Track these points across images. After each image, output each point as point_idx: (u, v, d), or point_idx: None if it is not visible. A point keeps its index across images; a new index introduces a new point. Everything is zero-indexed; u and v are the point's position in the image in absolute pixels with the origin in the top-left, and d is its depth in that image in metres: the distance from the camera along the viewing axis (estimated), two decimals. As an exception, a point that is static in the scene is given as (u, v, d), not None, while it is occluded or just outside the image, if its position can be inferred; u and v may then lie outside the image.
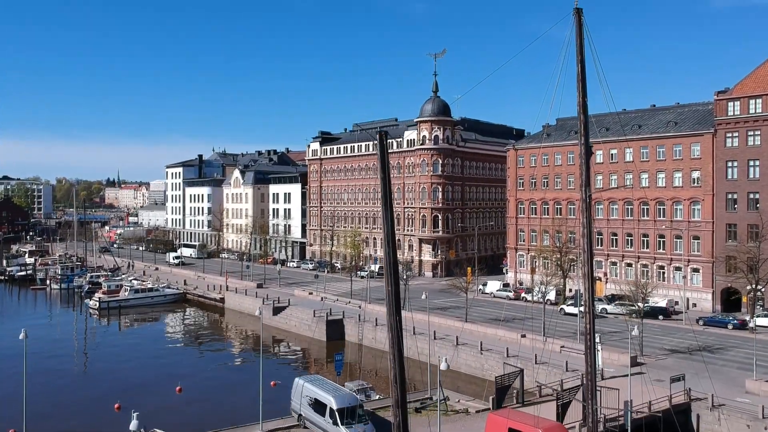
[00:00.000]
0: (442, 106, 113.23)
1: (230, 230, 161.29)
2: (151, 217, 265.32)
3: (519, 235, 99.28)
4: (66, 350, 73.55)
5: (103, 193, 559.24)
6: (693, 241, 79.45)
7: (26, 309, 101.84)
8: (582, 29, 23.00)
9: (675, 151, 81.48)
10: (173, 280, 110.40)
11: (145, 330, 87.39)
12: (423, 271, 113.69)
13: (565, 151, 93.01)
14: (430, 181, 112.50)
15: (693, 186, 79.62)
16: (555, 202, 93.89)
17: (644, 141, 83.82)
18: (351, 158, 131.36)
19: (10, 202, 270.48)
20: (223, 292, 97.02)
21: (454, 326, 67.25)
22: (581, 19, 22.98)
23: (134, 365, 65.48)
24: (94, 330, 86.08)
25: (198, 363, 68.31)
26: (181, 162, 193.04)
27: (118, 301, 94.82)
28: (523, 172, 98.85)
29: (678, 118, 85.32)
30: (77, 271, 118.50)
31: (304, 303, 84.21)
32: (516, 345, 59.60)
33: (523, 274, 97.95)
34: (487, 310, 78.52)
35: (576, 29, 22.88)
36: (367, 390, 48.95)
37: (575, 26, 22.91)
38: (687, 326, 67.41)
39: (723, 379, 47.91)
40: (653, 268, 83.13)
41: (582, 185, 22.36)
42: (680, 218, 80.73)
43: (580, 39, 22.77)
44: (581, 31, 22.93)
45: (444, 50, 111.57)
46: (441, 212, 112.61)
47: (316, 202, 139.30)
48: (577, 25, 22.82)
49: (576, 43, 22.83)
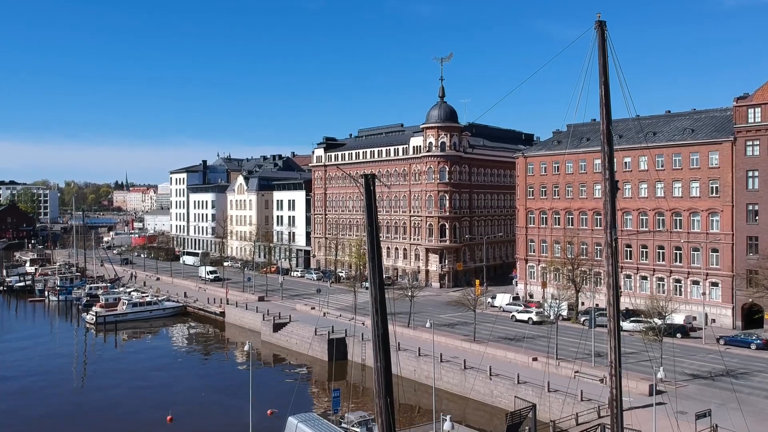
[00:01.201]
0: (448, 112, 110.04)
1: (234, 237, 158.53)
2: (156, 221, 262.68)
3: (529, 245, 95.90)
4: (56, 370, 70.55)
5: (112, 196, 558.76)
6: (711, 253, 75.93)
7: (22, 323, 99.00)
8: (605, 44, 19.78)
9: (692, 159, 77.95)
10: (174, 292, 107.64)
11: (141, 347, 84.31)
12: (430, 281, 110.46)
13: (577, 159, 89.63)
14: (437, 189, 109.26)
15: (711, 196, 76.07)
16: (566, 212, 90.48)
17: (660, 149, 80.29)
18: (356, 165, 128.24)
19: (15, 207, 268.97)
20: (223, 305, 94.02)
21: (461, 347, 64.01)
22: (604, 33, 19.75)
23: (125, 390, 62.34)
24: (89, 347, 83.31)
25: (193, 385, 65.29)
26: (185, 168, 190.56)
27: (116, 315, 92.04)
28: (533, 181, 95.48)
29: (695, 125, 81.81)
30: (76, 282, 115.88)
31: (306, 318, 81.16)
32: (527, 369, 56.54)
33: (533, 286, 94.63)
34: (496, 327, 74.90)
35: (598, 44, 19.69)
36: (369, 422, 45.80)
37: (597, 40, 19.70)
38: (707, 346, 64.07)
39: (752, 411, 44.46)
40: (669, 282, 79.60)
41: (607, 226, 19.14)
42: (698, 230, 77.18)
43: (603, 55, 19.56)
44: (604, 45, 19.68)
45: (450, 54, 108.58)
46: (448, 221, 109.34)
47: (320, 210, 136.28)
48: (599, 40, 19.65)
49: (599, 59, 19.65)
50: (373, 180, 14.97)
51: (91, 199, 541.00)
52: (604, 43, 19.86)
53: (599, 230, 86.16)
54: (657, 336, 54.98)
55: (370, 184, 15.15)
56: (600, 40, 19.82)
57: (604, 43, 19.90)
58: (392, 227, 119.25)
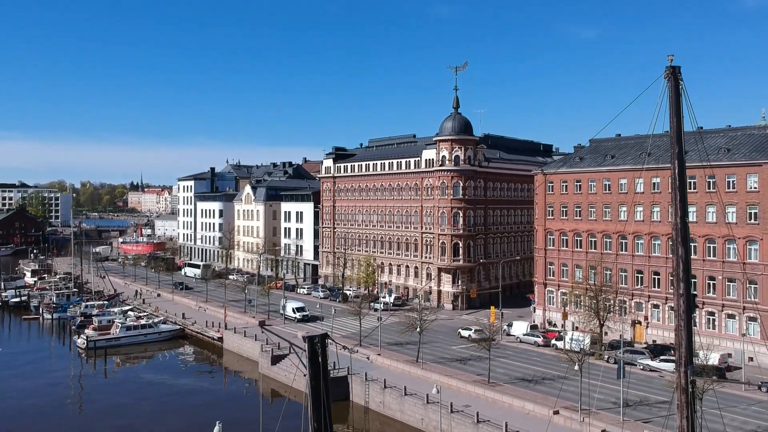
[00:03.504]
0: (463, 124, 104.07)
1: (241, 248, 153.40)
2: (167, 226, 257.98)
3: (548, 268, 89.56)
4: (36, 406, 65.38)
5: (127, 197, 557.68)
6: (749, 285, 69.43)
7: (11, 345, 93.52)
8: (679, 91, 13.94)
9: (728, 182, 71.50)
10: (173, 311, 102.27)
11: (132, 377, 78.37)
12: (442, 302, 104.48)
13: (601, 177, 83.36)
14: (450, 206, 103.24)
15: (749, 223, 69.59)
16: (589, 234, 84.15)
17: (692, 170, 73.67)
18: (366, 177, 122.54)
19: (24, 211, 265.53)
20: (222, 330, 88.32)
21: (474, 393, 57.92)
22: (678, 79, 13.92)
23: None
24: (74, 378, 77.19)
25: (182, 426, 59.90)
26: (192, 175, 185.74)
27: (108, 339, 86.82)
28: (553, 200, 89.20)
29: (730, 144, 75.30)
30: (72, 300, 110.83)
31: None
32: (547, 423, 50.36)
33: (553, 312, 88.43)
34: (513, 364, 69.07)
35: (671, 92, 13.87)
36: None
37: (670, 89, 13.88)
38: (749, 394, 57.62)
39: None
40: (702, 314, 73.18)
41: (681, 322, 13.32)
42: (733, 258, 70.70)
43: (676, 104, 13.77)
44: (678, 93, 13.85)
45: (466, 63, 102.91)
46: (462, 239, 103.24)
47: (329, 223, 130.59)
48: (672, 88, 13.79)
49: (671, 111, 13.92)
50: (323, 342, 9.64)
51: (106, 199, 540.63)
52: (678, 89, 14.10)
53: (624, 255, 79.96)
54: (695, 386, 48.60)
55: (317, 347, 9.59)
56: (673, 87, 14.04)
57: (678, 89, 14.14)
58: (403, 243, 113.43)
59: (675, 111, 14.36)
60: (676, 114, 14.36)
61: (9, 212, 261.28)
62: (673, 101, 14.42)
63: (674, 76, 14.32)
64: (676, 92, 14.39)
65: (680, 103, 14.48)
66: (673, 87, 14.30)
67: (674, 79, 14.31)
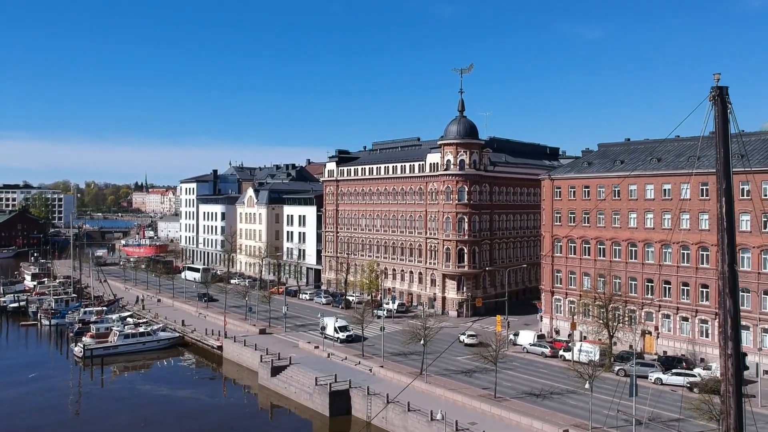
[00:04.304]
0: (468, 128, 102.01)
1: (243, 252, 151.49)
2: (170, 228, 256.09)
3: (555, 276, 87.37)
4: (29, 417, 63.51)
5: (131, 198, 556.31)
6: (764, 296, 67.22)
7: (7, 353, 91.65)
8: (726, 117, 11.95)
9: (742, 189, 69.21)
10: (172, 317, 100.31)
11: (128, 387, 75.94)
12: (447, 309, 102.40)
13: (610, 183, 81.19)
14: (455, 211, 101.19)
15: (764, 231, 67.31)
16: (597, 241, 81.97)
17: (704, 176, 71.54)
18: (369, 181, 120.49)
19: (26, 213, 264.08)
20: (221, 338, 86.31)
21: (480, 409, 55.78)
22: (725, 102, 11.90)
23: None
24: (70, 388, 75.00)
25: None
26: (195, 177, 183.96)
27: (106, 348, 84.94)
28: (560, 206, 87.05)
29: (743, 150, 72.89)
30: (71, 305, 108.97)
31: (308, 360, 73.50)
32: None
33: (560, 321, 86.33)
34: (520, 377, 66.98)
35: (717, 118, 11.89)
36: None
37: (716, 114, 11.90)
38: (765, 410, 55.39)
39: None
40: (714, 325, 70.93)
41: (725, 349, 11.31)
42: (747, 268, 68.36)
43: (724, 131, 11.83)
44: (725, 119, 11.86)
45: (471, 66, 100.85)
46: (467, 245, 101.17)
47: (331, 227, 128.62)
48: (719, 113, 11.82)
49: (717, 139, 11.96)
50: None
51: (111, 200, 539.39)
52: (725, 115, 12.10)
53: (634, 263, 77.81)
54: (708, 397, 46.49)
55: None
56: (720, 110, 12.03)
57: (725, 114, 12.14)
58: (407, 249, 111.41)
59: (723, 140, 12.38)
60: (723, 144, 12.39)
61: (11, 214, 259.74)
62: (720, 128, 12.43)
63: (722, 98, 12.32)
64: (723, 118, 12.39)
65: (728, 129, 12.49)
66: (720, 112, 12.32)
67: (721, 103, 12.31)
